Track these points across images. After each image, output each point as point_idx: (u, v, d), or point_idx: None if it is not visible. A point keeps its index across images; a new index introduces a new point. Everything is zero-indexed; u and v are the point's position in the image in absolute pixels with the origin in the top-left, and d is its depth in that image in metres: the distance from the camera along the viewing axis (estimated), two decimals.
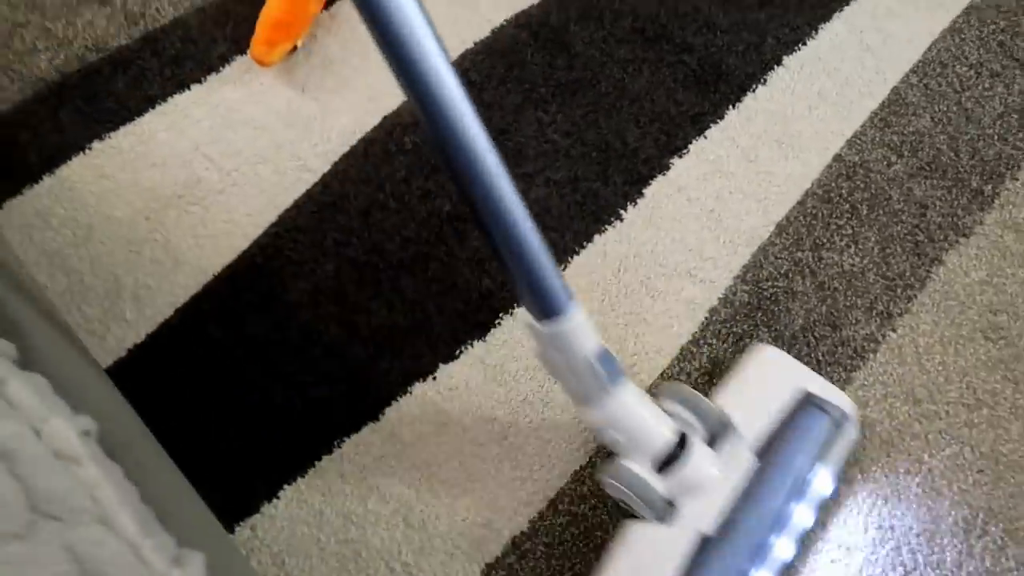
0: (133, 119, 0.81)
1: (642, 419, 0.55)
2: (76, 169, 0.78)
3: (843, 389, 0.68)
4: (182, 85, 0.83)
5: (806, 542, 0.62)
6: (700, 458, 0.56)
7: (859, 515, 0.64)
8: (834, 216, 0.77)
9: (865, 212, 0.77)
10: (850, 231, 0.76)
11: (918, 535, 0.63)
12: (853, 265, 0.75)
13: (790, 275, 0.74)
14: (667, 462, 0.56)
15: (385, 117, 0.81)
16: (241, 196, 0.77)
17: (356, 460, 0.65)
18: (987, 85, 0.85)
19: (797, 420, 0.61)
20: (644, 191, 0.78)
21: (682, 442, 0.56)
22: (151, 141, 0.80)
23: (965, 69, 0.86)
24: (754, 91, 0.84)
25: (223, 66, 0.84)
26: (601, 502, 0.64)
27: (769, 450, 0.59)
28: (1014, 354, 0.71)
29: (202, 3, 0.88)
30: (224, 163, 0.79)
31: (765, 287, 0.73)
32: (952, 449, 0.67)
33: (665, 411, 0.57)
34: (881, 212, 0.77)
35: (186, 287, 0.72)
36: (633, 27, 0.87)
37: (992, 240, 0.76)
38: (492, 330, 0.71)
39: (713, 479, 0.57)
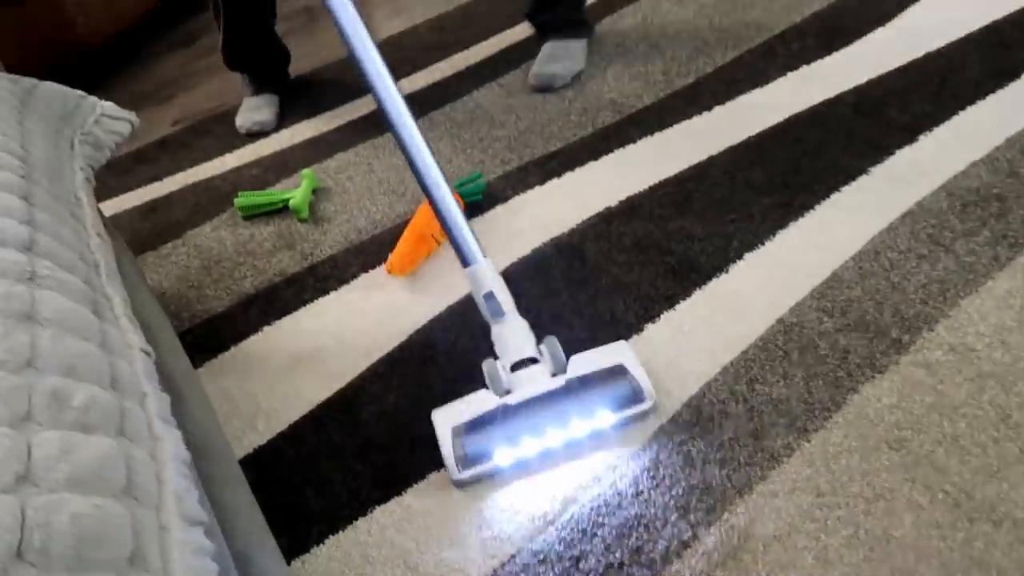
0: (291, 313, 1.23)
1: (511, 341, 0.94)
2: (252, 343, 1.19)
3: (756, 486, 0.84)
4: (326, 292, 1.25)
5: (573, 450, 0.93)
6: (535, 372, 0.92)
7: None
8: (769, 360, 0.97)
9: (796, 357, 0.96)
10: (781, 371, 0.95)
11: None
12: (780, 394, 0.93)
13: (726, 401, 0.93)
14: (516, 368, 0.93)
15: (449, 306, 1.16)
16: (345, 356, 1.13)
17: (381, 521, 0.90)
18: (914, 264, 1.04)
19: (607, 377, 0.94)
20: None
21: (533, 361, 0.93)
22: (299, 324, 1.20)
23: (895, 255, 1.06)
24: (718, 278, 1.10)
25: (352, 279, 1.26)
26: (548, 561, 0.83)
27: (581, 385, 0.92)
28: (914, 460, 0.83)
29: (367, 239, 1.33)
30: (342, 336, 1.16)
31: (705, 411, 0.93)
32: (848, 531, 0.79)
33: (539, 347, 0.95)
34: (809, 356, 0.96)
35: (299, 409, 1.06)
36: (632, 242, 1.19)
37: (904, 375, 0.91)
38: None
39: (537, 385, 0.91)
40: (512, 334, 0.94)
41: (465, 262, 0.97)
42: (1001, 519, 0.77)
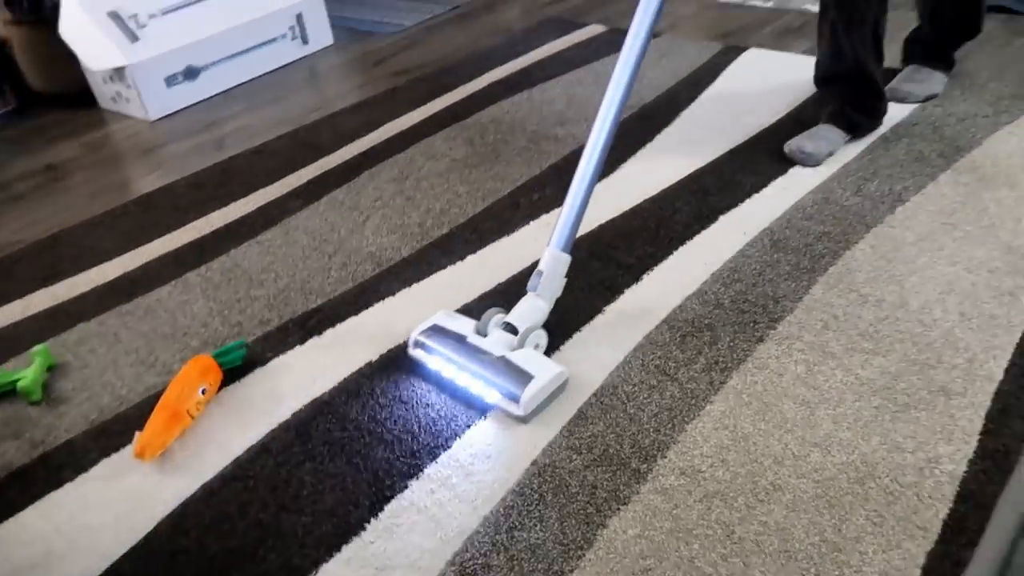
0: (15, 515, 1.08)
1: (516, 310, 1.24)
2: None
3: None
4: (59, 484, 1.12)
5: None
6: (502, 337, 1.20)
7: None
8: (526, 504, 1.00)
9: (550, 498, 1.01)
10: (538, 514, 0.99)
11: None
12: (537, 539, 0.96)
13: (488, 554, 0.95)
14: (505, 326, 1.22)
15: (203, 484, 1.09)
16: (79, 560, 1.01)
17: None
18: (646, 395, 1.15)
19: (524, 377, 1.14)
20: (385, 507, 1.02)
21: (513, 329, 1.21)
22: (24, 528, 1.06)
23: (630, 387, 1.17)
24: (476, 425, 1.13)
25: (91, 467, 1.15)
26: None
27: (507, 366, 1.15)
28: None
29: (110, 418, 1.22)
30: (75, 536, 1.04)
31: (467, 566, 0.94)
32: None
33: (526, 328, 1.21)
34: (562, 496, 1.01)
35: None
36: (393, 396, 1.20)
37: (645, 504, 0.99)
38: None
39: (490, 344, 1.20)
40: (521, 307, 1.24)
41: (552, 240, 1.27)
42: None
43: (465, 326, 1.23)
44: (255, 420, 1.19)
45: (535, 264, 1.47)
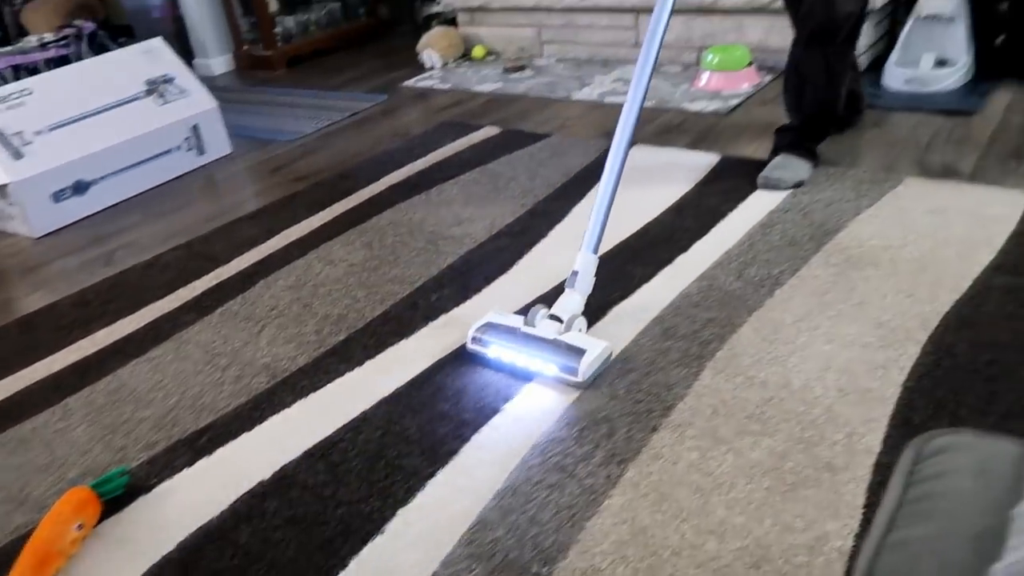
0: None
1: (558, 303, 1.46)
2: None
3: None
4: None
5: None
6: (550, 325, 1.43)
7: None
8: None
9: None
10: None
11: None
12: None
13: None
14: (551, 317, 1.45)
15: None
16: None
17: None
18: (546, 494, 1.14)
19: (575, 352, 1.37)
20: None
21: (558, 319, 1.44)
22: None
23: (530, 487, 1.16)
24: (374, 541, 1.10)
25: None
26: None
27: (558, 346, 1.38)
28: None
29: None
30: None
31: None
32: None
33: (570, 316, 1.45)
34: None
35: None
36: (287, 517, 1.16)
37: None
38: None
39: (540, 331, 1.42)
40: (563, 300, 1.47)
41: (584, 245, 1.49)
42: None
43: (515, 320, 1.45)
44: (137, 555, 1.12)
45: (436, 364, 1.47)
